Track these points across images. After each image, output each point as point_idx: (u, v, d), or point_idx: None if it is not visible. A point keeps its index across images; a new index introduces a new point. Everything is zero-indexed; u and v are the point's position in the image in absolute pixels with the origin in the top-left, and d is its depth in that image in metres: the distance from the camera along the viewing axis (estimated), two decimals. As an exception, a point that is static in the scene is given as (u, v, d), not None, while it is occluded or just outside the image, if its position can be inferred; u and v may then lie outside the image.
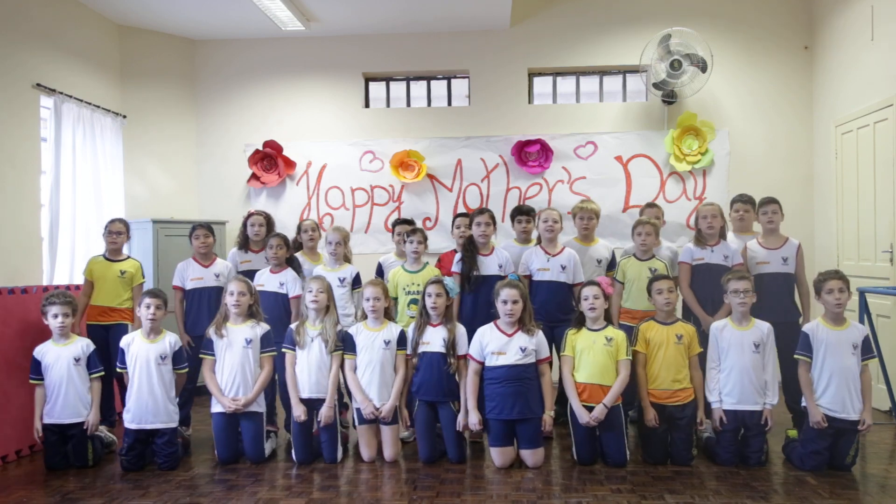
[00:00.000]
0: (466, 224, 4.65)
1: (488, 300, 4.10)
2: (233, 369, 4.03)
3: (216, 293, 4.51)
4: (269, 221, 4.84)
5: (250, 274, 4.49)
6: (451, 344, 3.96)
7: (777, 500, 3.30)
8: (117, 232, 4.60)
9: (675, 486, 3.50)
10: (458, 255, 4.48)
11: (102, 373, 4.07)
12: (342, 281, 4.53)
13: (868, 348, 3.81)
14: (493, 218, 4.47)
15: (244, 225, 4.82)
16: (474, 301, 4.38)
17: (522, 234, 4.68)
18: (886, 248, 4.95)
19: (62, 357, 3.96)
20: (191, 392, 4.53)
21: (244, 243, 4.82)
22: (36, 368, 3.96)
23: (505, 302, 3.87)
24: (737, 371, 3.85)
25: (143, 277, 4.69)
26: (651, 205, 5.24)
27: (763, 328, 3.91)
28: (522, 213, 4.67)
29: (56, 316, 3.95)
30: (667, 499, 3.31)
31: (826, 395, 3.75)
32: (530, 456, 3.80)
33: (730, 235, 4.66)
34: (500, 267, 4.39)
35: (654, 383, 3.93)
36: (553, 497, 3.35)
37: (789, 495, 3.36)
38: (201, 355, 4.14)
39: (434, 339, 3.99)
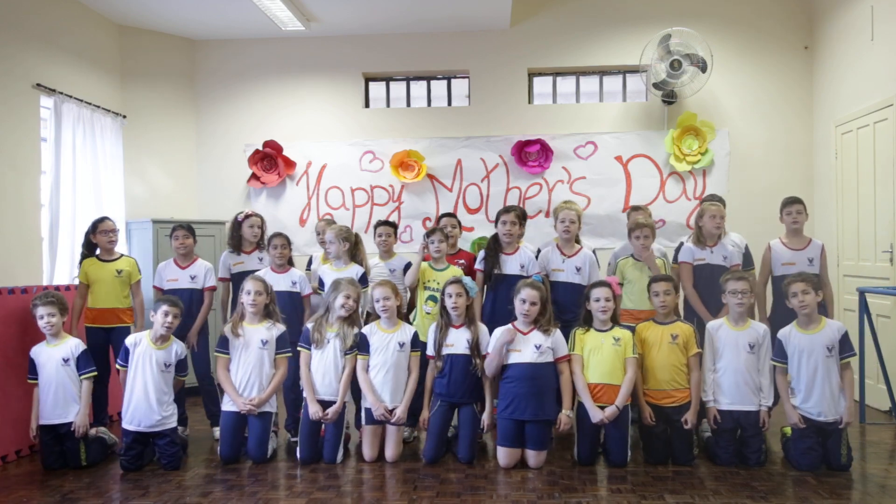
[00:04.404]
0: (454, 224, 4.76)
1: (507, 299, 4.07)
2: (248, 370, 4.03)
3: (188, 295, 4.48)
4: (263, 222, 4.84)
5: (243, 275, 4.33)
6: (475, 345, 3.96)
7: (777, 500, 3.29)
8: (113, 230, 4.53)
9: (675, 486, 3.50)
10: (481, 253, 4.48)
11: (94, 373, 4.04)
12: None
13: (847, 346, 3.77)
14: (518, 217, 4.42)
15: (238, 226, 4.74)
16: (494, 300, 4.39)
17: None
18: (886, 248, 4.95)
19: (52, 358, 3.96)
20: (179, 393, 4.49)
21: (237, 245, 4.75)
22: (32, 368, 3.98)
23: (523, 301, 3.87)
24: (731, 371, 3.84)
25: (140, 274, 4.63)
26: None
27: (759, 329, 3.90)
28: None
29: (42, 317, 3.95)
30: (667, 499, 3.31)
31: (805, 400, 3.75)
32: (534, 456, 3.79)
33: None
34: (522, 267, 4.36)
35: (648, 383, 3.93)
36: (553, 497, 3.36)
37: (789, 495, 3.36)
38: (216, 353, 4.13)
39: (458, 342, 3.99)
